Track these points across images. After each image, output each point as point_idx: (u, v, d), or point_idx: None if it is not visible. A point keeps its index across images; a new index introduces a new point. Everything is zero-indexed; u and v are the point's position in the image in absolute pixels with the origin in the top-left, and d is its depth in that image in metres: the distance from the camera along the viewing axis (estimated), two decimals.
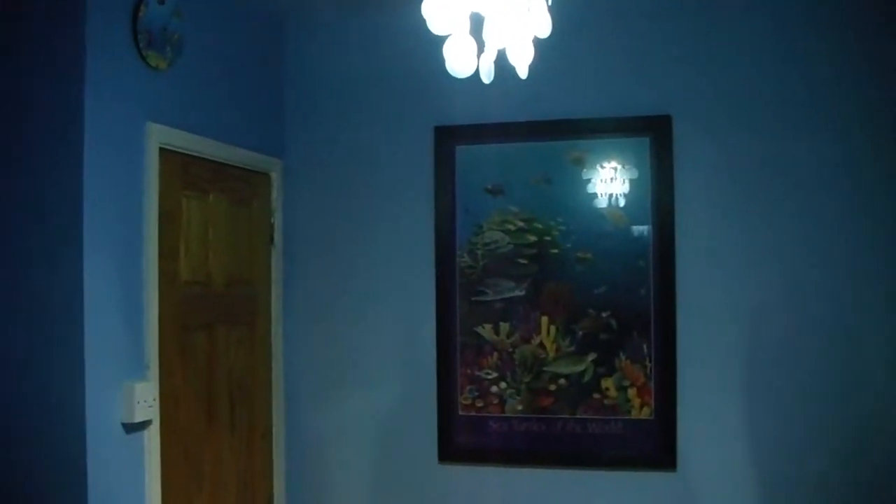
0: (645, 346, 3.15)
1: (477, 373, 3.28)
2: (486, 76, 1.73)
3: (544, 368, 3.22)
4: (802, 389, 3.04)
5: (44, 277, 2.32)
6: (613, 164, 3.20)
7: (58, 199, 2.32)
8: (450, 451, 3.33)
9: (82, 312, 2.28)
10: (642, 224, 3.16)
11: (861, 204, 3.02)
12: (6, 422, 2.33)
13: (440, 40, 1.58)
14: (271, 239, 3.41)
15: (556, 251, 3.22)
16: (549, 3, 1.71)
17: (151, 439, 2.54)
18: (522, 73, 1.76)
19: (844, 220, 3.03)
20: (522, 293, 3.24)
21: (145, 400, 2.46)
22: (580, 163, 3.22)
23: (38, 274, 2.32)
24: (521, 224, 3.26)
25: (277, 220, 3.44)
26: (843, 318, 3.02)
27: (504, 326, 3.25)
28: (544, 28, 1.67)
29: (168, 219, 2.68)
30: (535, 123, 3.26)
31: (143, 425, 2.50)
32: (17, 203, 2.34)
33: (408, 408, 3.37)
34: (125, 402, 2.41)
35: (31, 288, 2.32)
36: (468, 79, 1.65)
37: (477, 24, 1.59)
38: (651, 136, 3.16)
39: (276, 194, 3.43)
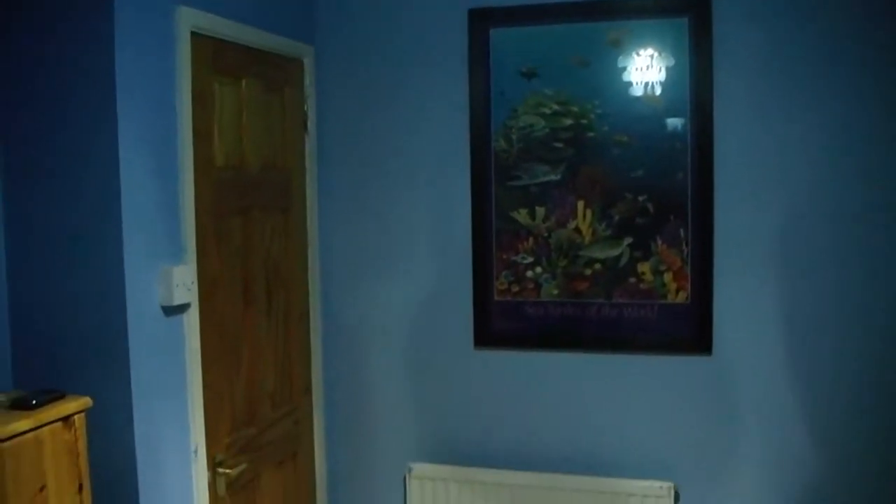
0: (681, 231, 3.12)
1: (512, 258, 3.28)
2: None
3: (580, 253, 3.21)
4: (840, 274, 3.01)
5: (80, 166, 2.32)
6: (650, 50, 3.12)
7: (90, 87, 2.30)
8: (485, 336, 3.36)
9: (119, 198, 2.29)
10: (680, 109, 3.09)
11: None
12: (50, 304, 2.37)
13: None
14: (305, 126, 3.39)
15: (592, 134, 3.17)
16: None
17: (191, 322, 2.58)
18: None
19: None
20: (558, 177, 3.21)
21: (183, 283, 2.49)
22: (617, 45, 3.14)
23: (74, 163, 2.33)
24: (556, 107, 3.21)
25: (311, 107, 3.41)
26: (885, 206, 2.97)
27: (539, 211, 3.24)
28: None
29: (201, 104, 2.67)
30: (570, 4, 3.17)
31: (182, 308, 2.54)
32: (49, 93, 2.34)
33: (443, 293, 3.39)
34: (163, 285, 2.44)
35: (69, 177, 2.33)
36: None
37: None
38: (689, 16, 3.07)
39: (308, 81, 3.40)
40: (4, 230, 2.39)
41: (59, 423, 1.81)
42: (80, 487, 1.87)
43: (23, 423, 1.70)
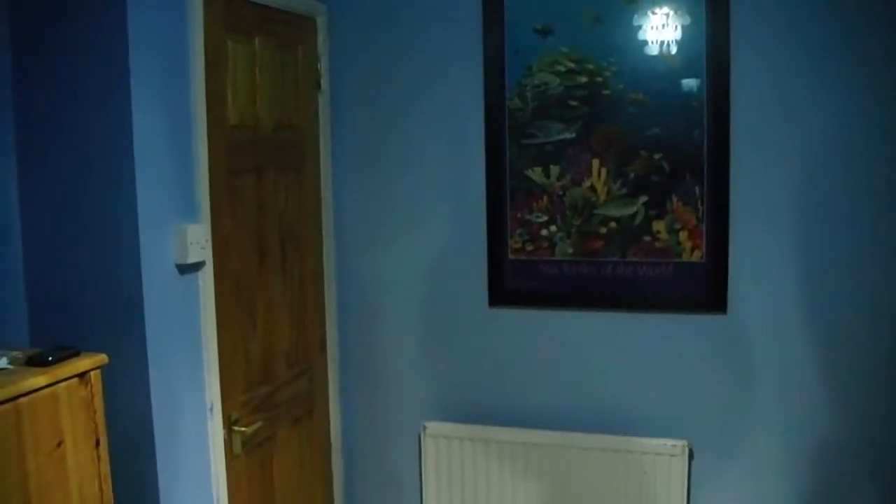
0: (697, 189, 3.10)
1: (527, 216, 3.27)
2: None
3: (595, 211, 3.20)
4: (855, 232, 2.99)
5: (94, 127, 2.32)
6: (666, 9, 3.07)
7: (103, 47, 2.29)
8: (500, 295, 3.36)
9: (133, 157, 2.29)
10: (696, 67, 3.05)
11: None
12: (65, 264, 2.38)
13: None
14: (318, 84, 3.38)
15: (607, 92, 3.14)
16: None
17: (205, 281, 2.59)
18: None
19: None
20: (573, 135, 3.19)
21: (197, 241, 2.50)
22: (633, 2, 3.10)
23: (87, 124, 2.33)
24: (571, 65, 3.18)
25: (324, 66, 3.40)
26: None
27: (554, 169, 3.22)
28: None
29: (214, 63, 2.66)
30: None
31: (197, 266, 2.54)
32: (63, 53, 2.33)
33: (458, 252, 3.39)
34: (178, 243, 2.44)
35: (83, 138, 2.34)
36: None
37: None
38: None
39: (321, 39, 3.37)
40: (19, 191, 2.40)
41: (75, 380, 1.82)
42: (97, 443, 1.89)
43: (39, 380, 1.72)
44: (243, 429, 2.81)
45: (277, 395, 3.09)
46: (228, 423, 2.76)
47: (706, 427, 3.21)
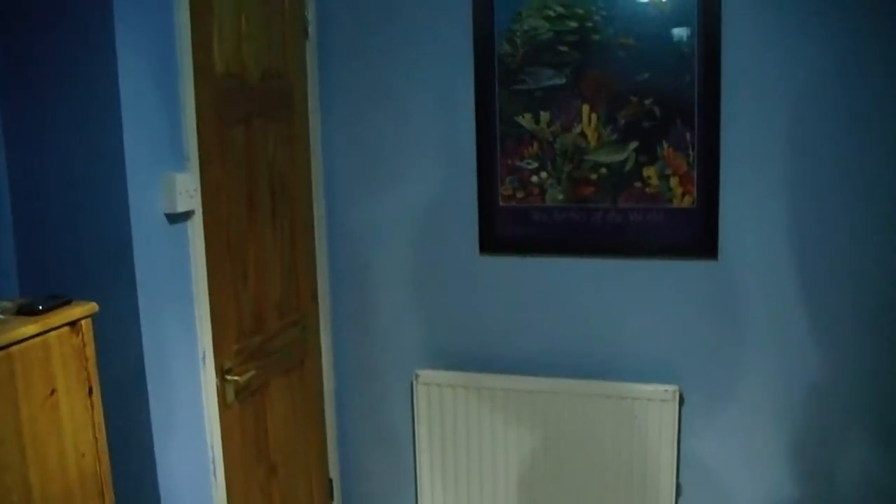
0: (688, 134, 3.09)
1: (517, 163, 3.26)
2: None
3: (585, 157, 3.18)
4: (846, 178, 2.98)
5: (78, 75, 2.29)
6: None
7: None
8: (490, 242, 3.35)
9: (119, 105, 2.26)
10: (687, 11, 3.02)
11: None
12: (53, 214, 2.36)
13: None
14: (305, 32, 3.34)
15: (597, 37, 3.11)
16: None
17: (195, 230, 2.57)
18: None
19: None
20: (563, 81, 3.17)
21: (186, 191, 2.48)
22: None
23: (72, 72, 2.29)
24: (560, 10, 3.15)
25: (311, 13, 3.36)
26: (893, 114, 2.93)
27: (544, 115, 3.20)
28: None
29: (199, 9, 2.61)
30: None
31: (186, 216, 2.53)
32: (44, 1, 2.30)
33: (448, 200, 3.38)
34: (166, 192, 2.42)
35: (68, 86, 2.30)
36: None
37: None
38: None
39: None
40: (4, 141, 2.37)
41: (67, 328, 1.82)
42: (90, 391, 1.89)
43: (30, 328, 1.71)
44: (236, 378, 2.81)
45: (269, 344, 3.10)
46: (221, 373, 2.76)
47: (697, 372, 3.23)
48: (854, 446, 3.14)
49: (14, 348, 1.67)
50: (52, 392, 1.78)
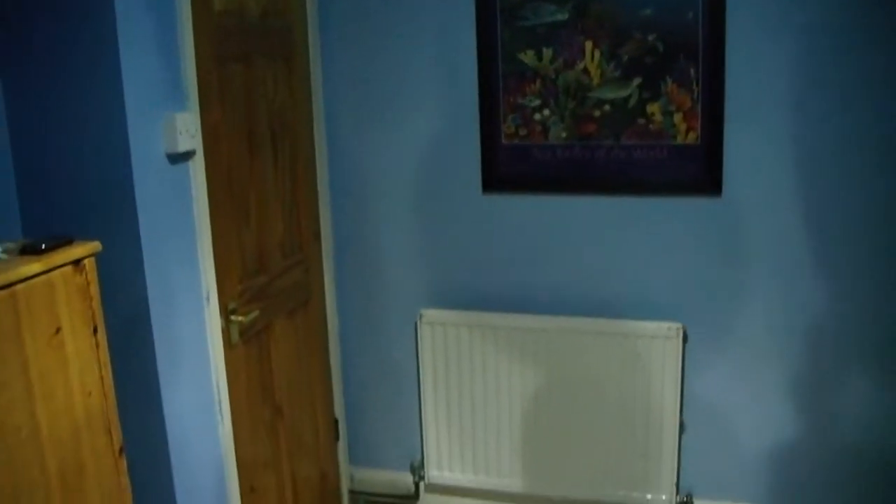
0: (692, 70, 3.05)
1: (520, 101, 3.23)
2: None
3: (588, 94, 3.15)
4: (852, 115, 2.96)
5: (77, 16, 2.25)
6: None
7: None
8: (493, 180, 3.34)
9: (117, 44, 2.22)
10: None
11: None
12: (54, 155, 2.35)
13: None
14: None
15: None
16: None
17: (196, 170, 2.55)
18: None
19: None
20: (565, 17, 3.12)
21: (187, 130, 2.46)
22: None
23: (70, 13, 2.25)
24: None
25: None
26: None
27: (547, 52, 3.16)
28: None
29: None
30: None
31: (187, 156, 2.51)
32: None
33: (450, 138, 3.36)
34: (167, 132, 2.40)
35: (64, 24, 2.27)
36: None
37: None
38: None
39: None
40: (2, 83, 2.34)
41: (70, 267, 1.81)
42: (95, 330, 1.89)
43: (33, 267, 1.70)
44: (240, 318, 2.82)
45: (273, 285, 3.10)
46: (225, 313, 2.77)
47: (700, 310, 3.24)
48: (856, 384, 3.16)
49: (18, 287, 1.67)
50: (58, 330, 1.78)
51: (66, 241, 1.86)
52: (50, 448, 1.76)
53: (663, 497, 3.33)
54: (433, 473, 3.61)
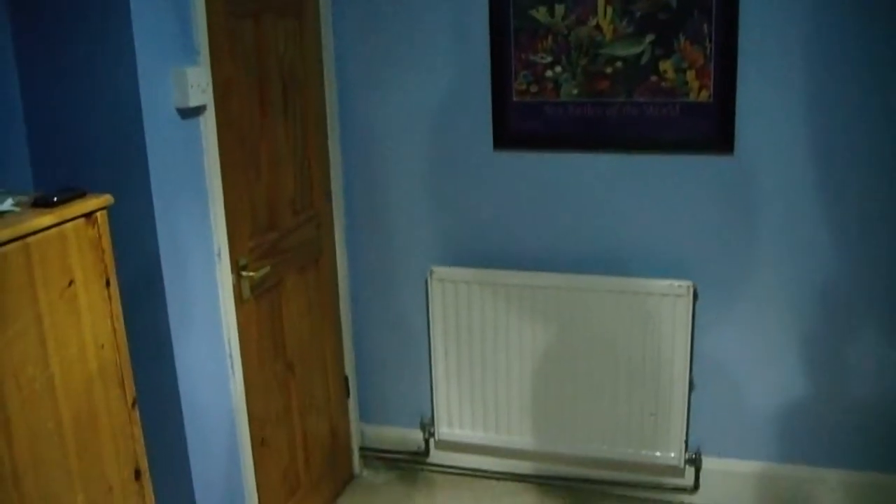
0: (705, 27, 3.03)
1: (531, 57, 3.21)
2: None
3: (600, 51, 3.13)
4: (866, 71, 2.94)
5: None
6: None
7: None
8: (504, 138, 3.33)
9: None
10: None
11: None
12: (65, 110, 2.35)
13: None
14: None
15: None
16: None
17: (207, 125, 2.55)
18: None
19: None
20: None
21: (198, 85, 2.45)
22: None
23: None
24: None
25: None
26: None
27: (559, 8, 3.13)
28: None
29: None
30: None
31: (198, 111, 2.51)
32: None
33: (461, 95, 3.34)
34: (178, 87, 2.40)
35: None
36: None
37: None
38: None
39: None
40: (13, 38, 2.34)
41: (82, 220, 1.81)
42: (108, 283, 1.90)
43: (45, 219, 1.71)
44: (251, 274, 2.83)
45: (284, 241, 3.11)
46: (237, 269, 2.78)
47: (711, 268, 3.24)
48: (866, 341, 3.16)
49: (31, 239, 1.67)
50: (70, 283, 1.79)
51: (79, 194, 1.87)
52: (64, 399, 1.78)
53: (672, 454, 3.35)
54: (443, 430, 3.64)
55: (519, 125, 3.29)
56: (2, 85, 2.32)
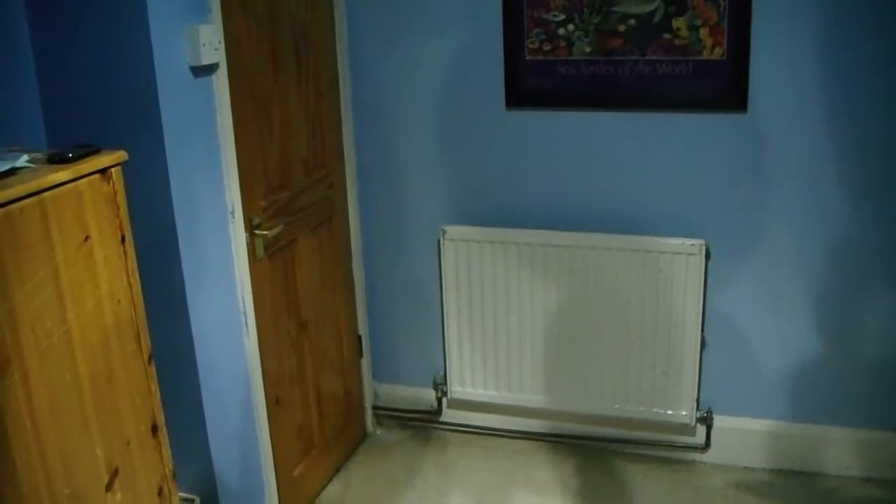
0: None
1: (544, 15, 3.19)
2: None
3: (613, 8, 3.11)
4: (879, 32, 2.91)
5: None
6: None
7: None
8: (517, 96, 3.31)
9: None
10: None
11: None
12: (78, 68, 2.35)
13: None
14: None
15: None
16: None
17: (220, 83, 2.55)
18: None
19: None
20: None
21: (210, 43, 2.45)
22: None
23: None
24: None
25: None
26: None
27: None
28: None
29: None
30: None
31: (211, 69, 2.51)
32: None
33: (474, 54, 3.32)
34: (190, 45, 2.40)
35: None
36: None
37: None
38: None
39: None
40: None
41: (97, 176, 1.82)
42: (123, 239, 1.91)
43: (61, 175, 1.72)
44: (265, 232, 2.84)
45: (297, 201, 3.11)
46: (250, 227, 2.79)
47: (724, 226, 3.23)
48: (880, 300, 3.16)
49: (46, 194, 1.68)
50: (86, 238, 1.80)
51: (93, 151, 1.87)
52: (81, 353, 1.79)
53: (683, 413, 3.37)
54: (455, 389, 3.66)
55: (531, 84, 3.27)
56: (15, 45, 2.33)
